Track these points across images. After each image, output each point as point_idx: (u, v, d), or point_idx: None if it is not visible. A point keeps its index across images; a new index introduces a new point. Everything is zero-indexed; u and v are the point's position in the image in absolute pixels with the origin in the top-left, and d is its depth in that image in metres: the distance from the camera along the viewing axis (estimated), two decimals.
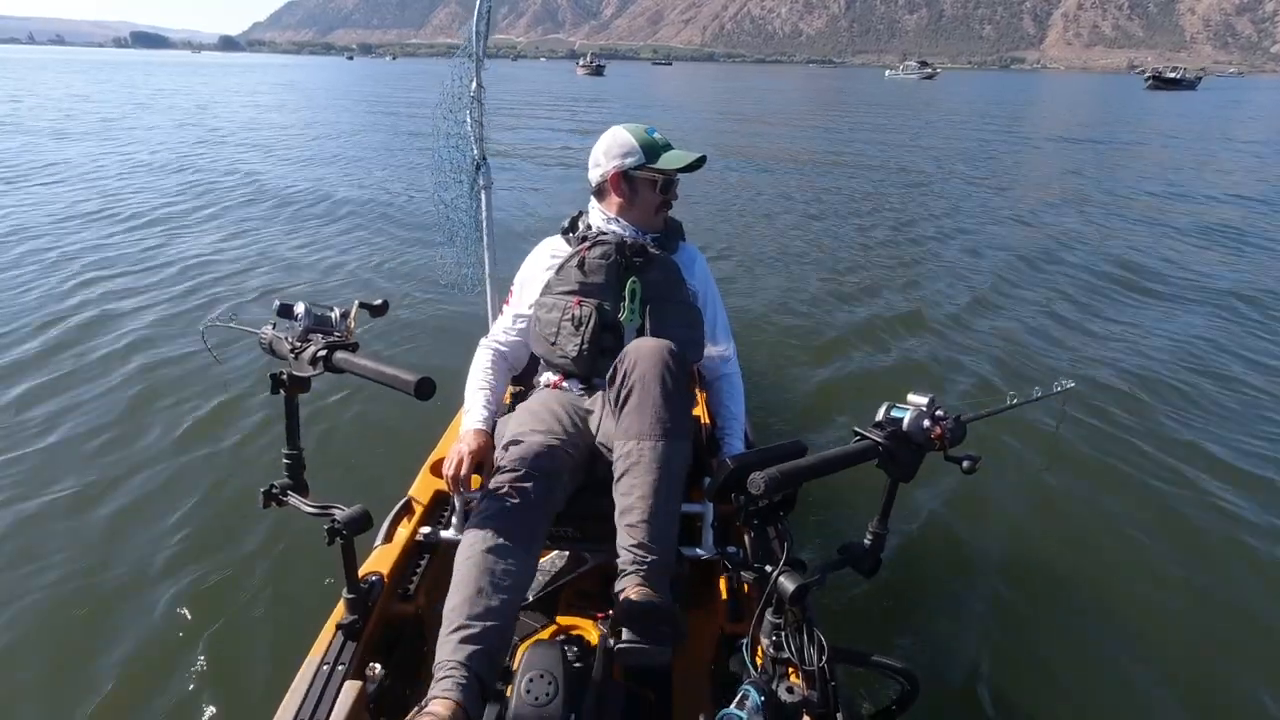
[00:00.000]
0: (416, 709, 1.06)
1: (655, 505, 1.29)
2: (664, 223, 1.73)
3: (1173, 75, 63.33)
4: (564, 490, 1.42)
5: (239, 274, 5.13)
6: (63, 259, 5.21)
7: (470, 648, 1.13)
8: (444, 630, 1.17)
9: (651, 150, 1.63)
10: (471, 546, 1.26)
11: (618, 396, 1.40)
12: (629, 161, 1.64)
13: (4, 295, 4.43)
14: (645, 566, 1.25)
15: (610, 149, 1.66)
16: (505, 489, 1.32)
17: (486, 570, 1.22)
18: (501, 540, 1.25)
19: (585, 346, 1.57)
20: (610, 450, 1.42)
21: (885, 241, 6.71)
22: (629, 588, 1.24)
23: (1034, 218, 7.86)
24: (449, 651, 1.13)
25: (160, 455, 2.78)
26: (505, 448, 1.43)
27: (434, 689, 1.09)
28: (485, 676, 1.13)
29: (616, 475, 1.35)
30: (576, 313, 1.58)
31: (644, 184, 1.66)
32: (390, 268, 5.46)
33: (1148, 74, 65.66)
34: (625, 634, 1.17)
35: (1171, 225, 7.51)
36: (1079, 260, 6.08)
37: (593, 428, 1.54)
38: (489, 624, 1.17)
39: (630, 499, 1.30)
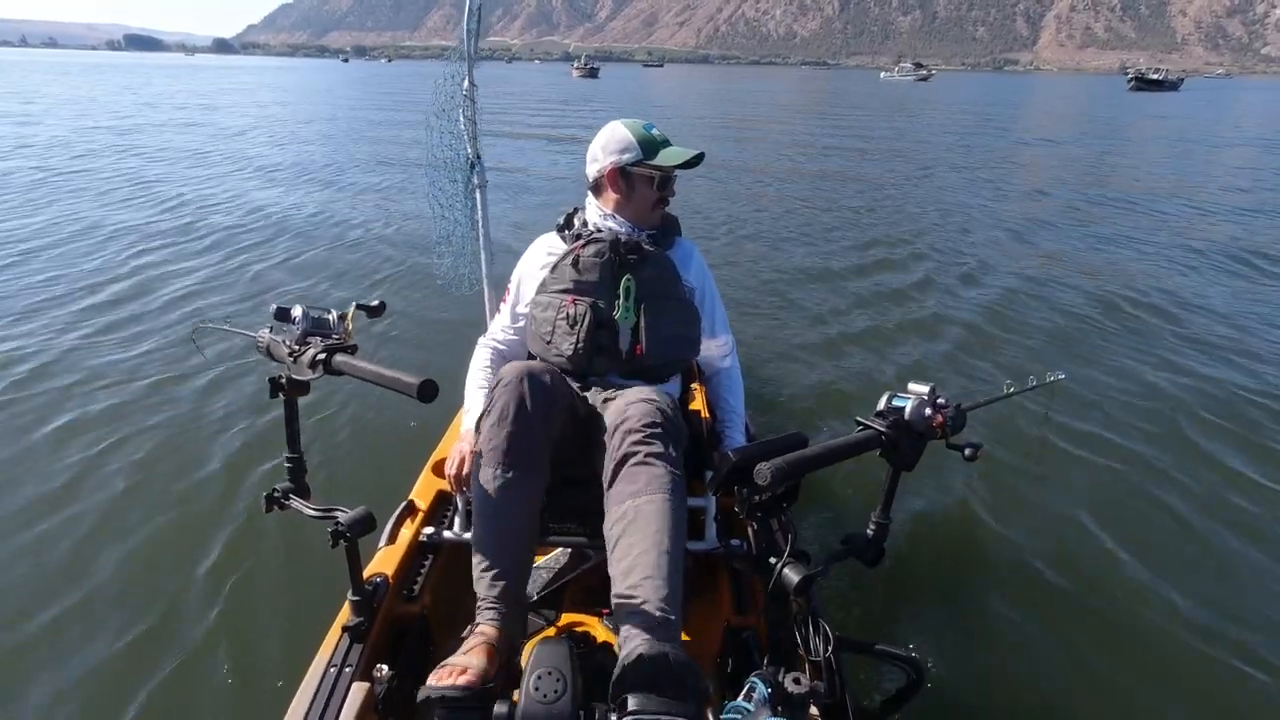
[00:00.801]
0: (469, 629, 1.23)
1: (658, 559, 1.18)
2: (661, 219, 1.72)
3: (1155, 76, 64.08)
4: (561, 414, 1.42)
5: (232, 277, 5.10)
6: (60, 262, 5.20)
7: (501, 584, 1.27)
8: (475, 566, 1.30)
9: (649, 146, 1.62)
10: (484, 480, 1.33)
11: (608, 460, 1.35)
12: (626, 157, 1.62)
13: (4, 295, 4.43)
14: (654, 622, 1.13)
15: (608, 144, 1.64)
16: (506, 413, 1.34)
17: (503, 501, 1.32)
18: (511, 473, 1.32)
19: (580, 345, 1.56)
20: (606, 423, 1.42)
21: (883, 237, 6.71)
22: (637, 642, 1.10)
23: (1035, 217, 7.87)
24: (484, 589, 1.27)
25: (161, 460, 2.76)
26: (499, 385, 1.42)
27: (479, 616, 1.25)
28: (518, 598, 1.29)
29: (612, 542, 1.26)
30: (571, 311, 1.57)
31: (641, 180, 1.64)
32: (386, 268, 5.45)
33: (1130, 75, 66.23)
34: (632, 703, 0.99)
35: (1165, 223, 7.56)
36: (1077, 259, 6.11)
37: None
38: (513, 551, 1.31)
39: (630, 557, 1.20)
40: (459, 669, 1.10)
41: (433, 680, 1.09)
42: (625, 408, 1.37)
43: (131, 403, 3.21)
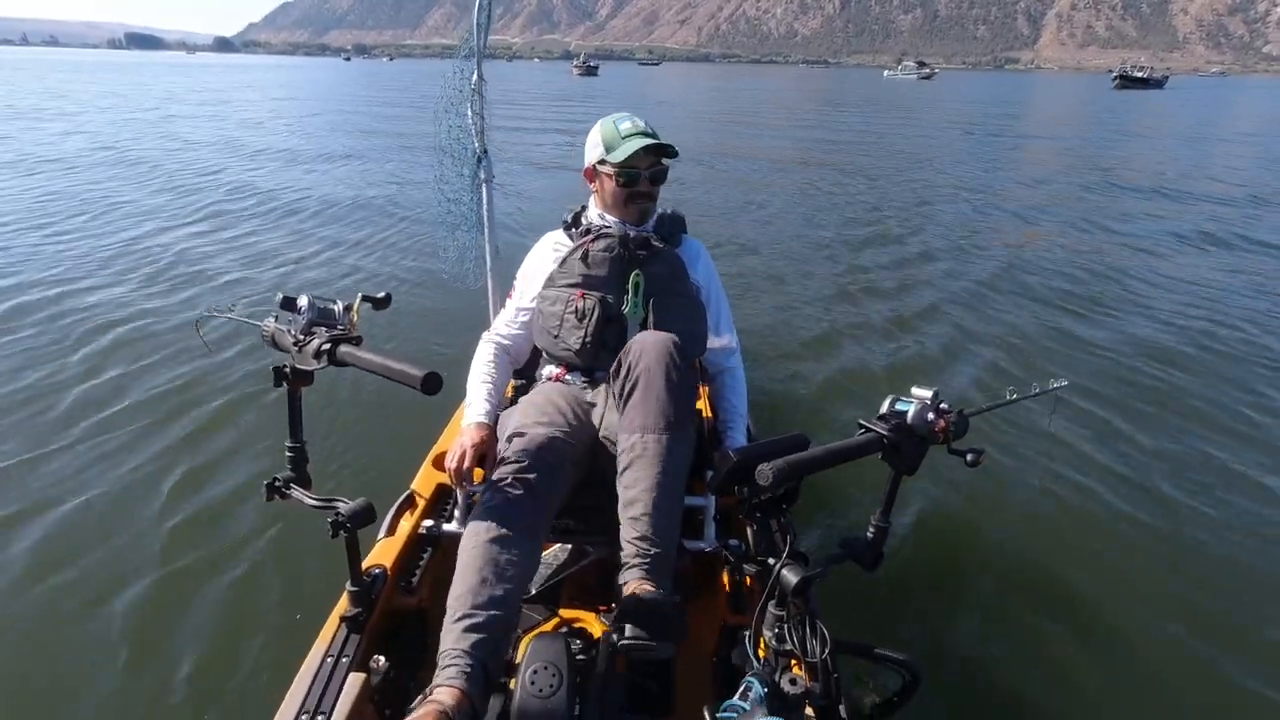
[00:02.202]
0: (421, 697, 1.06)
1: (658, 498, 1.29)
2: (639, 214, 1.67)
3: (1139, 75, 64.75)
4: (567, 482, 1.42)
5: (239, 266, 5.13)
6: (58, 252, 5.22)
7: (474, 636, 1.13)
8: (448, 619, 1.17)
9: (611, 143, 1.62)
10: (475, 537, 1.25)
11: (622, 389, 1.40)
12: (593, 155, 1.66)
13: (4, 291, 4.44)
14: (648, 560, 1.25)
15: (589, 142, 1.69)
16: (509, 480, 1.32)
17: (490, 560, 1.21)
18: (505, 531, 1.25)
19: (588, 339, 1.57)
20: (613, 443, 1.42)
21: (889, 238, 6.71)
22: (632, 582, 1.23)
23: (1035, 217, 7.88)
24: (453, 640, 1.13)
25: (164, 449, 2.78)
26: (509, 440, 1.43)
27: (438, 677, 1.09)
28: (490, 664, 1.13)
29: (620, 468, 1.35)
30: (580, 305, 1.58)
31: (605, 177, 1.65)
32: (393, 261, 5.47)
33: (1115, 74, 66.81)
34: (629, 630, 1.16)
35: (1160, 222, 7.56)
36: (1076, 259, 6.12)
37: (595, 420, 1.54)
38: (493, 613, 1.16)
39: (634, 492, 1.30)
40: None
41: None
42: (643, 341, 1.41)
43: (134, 389, 3.23)
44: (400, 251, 5.68)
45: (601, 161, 1.64)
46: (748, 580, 1.49)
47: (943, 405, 1.14)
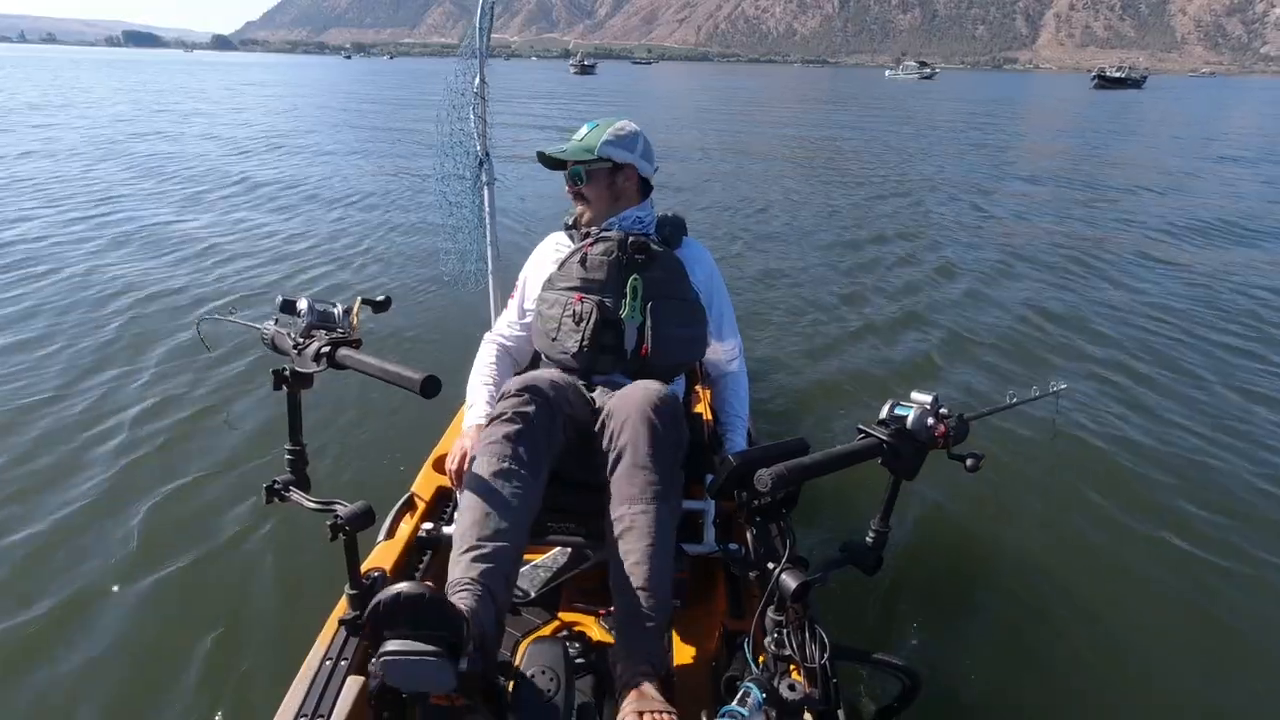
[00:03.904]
0: None
1: (650, 575, 1.26)
2: (587, 216, 1.71)
3: (1117, 75, 65.78)
4: (563, 427, 1.42)
5: (239, 269, 5.12)
6: (59, 246, 5.22)
7: (482, 565, 1.16)
8: (454, 553, 1.20)
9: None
10: (479, 471, 1.29)
11: (607, 454, 1.38)
12: None
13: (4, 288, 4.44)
14: (644, 645, 1.21)
15: None
16: (509, 415, 1.34)
17: (495, 493, 1.25)
18: (508, 465, 1.28)
19: (585, 343, 1.57)
20: (608, 442, 1.43)
21: (889, 241, 6.70)
22: (627, 679, 1.17)
23: (1036, 218, 7.89)
24: (461, 570, 1.16)
25: (163, 451, 2.78)
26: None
27: (450, 597, 1.11)
28: (498, 592, 1.15)
29: (610, 543, 1.33)
30: (577, 309, 1.58)
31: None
32: (394, 264, 5.47)
33: (1093, 74, 67.74)
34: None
35: (1159, 221, 7.57)
36: (1078, 261, 6.11)
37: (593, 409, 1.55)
38: (500, 544, 1.20)
39: (626, 564, 1.28)
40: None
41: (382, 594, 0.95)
42: (626, 403, 1.38)
43: (133, 391, 3.23)
44: (401, 254, 5.68)
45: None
46: (747, 585, 1.48)
47: (942, 410, 1.14)
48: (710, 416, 1.91)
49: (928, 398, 1.13)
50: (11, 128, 12.95)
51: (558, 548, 1.73)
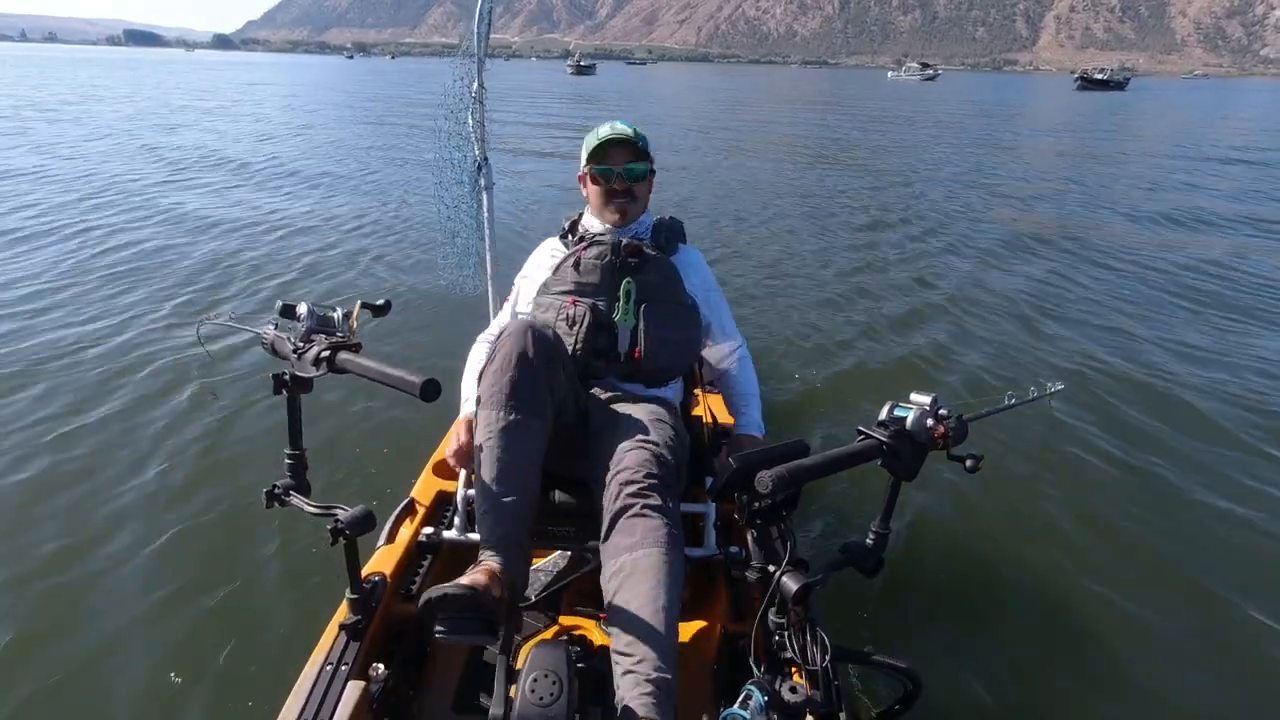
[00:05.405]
0: (472, 566, 1.20)
1: (655, 619, 1.17)
2: (618, 214, 1.67)
3: (1100, 76, 66.48)
4: (564, 377, 1.43)
5: (238, 274, 5.11)
6: (58, 251, 5.22)
7: (502, 528, 1.26)
8: (477, 508, 1.31)
9: (590, 145, 1.67)
10: (485, 421, 1.33)
11: (607, 506, 1.33)
12: (581, 161, 1.71)
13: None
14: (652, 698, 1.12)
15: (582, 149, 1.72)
16: (512, 359, 1.34)
17: (505, 442, 1.30)
18: (515, 415, 1.32)
19: (579, 346, 1.57)
20: (606, 439, 1.43)
21: (887, 243, 6.71)
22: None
23: (1038, 219, 7.90)
24: (486, 530, 1.27)
25: (162, 455, 2.77)
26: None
27: (482, 554, 1.24)
28: (521, 540, 1.28)
29: (609, 594, 1.25)
30: (571, 312, 1.58)
31: (589, 179, 1.69)
32: (393, 268, 5.46)
33: (1076, 75, 68.58)
34: None
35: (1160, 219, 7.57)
36: (1078, 262, 6.12)
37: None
38: (513, 497, 1.28)
39: (628, 613, 1.20)
40: (462, 583, 1.10)
41: (433, 591, 1.07)
42: (622, 456, 1.36)
43: (133, 395, 3.22)
44: (400, 259, 5.68)
45: (586, 164, 1.68)
46: (748, 587, 1.48)
47: (942, 411, 1.14)
48: (710, 420, 1.91)
49: (927, 399, 1.13)
50: (19, 131, 12.96)
51: (558, 551, 1.73)
